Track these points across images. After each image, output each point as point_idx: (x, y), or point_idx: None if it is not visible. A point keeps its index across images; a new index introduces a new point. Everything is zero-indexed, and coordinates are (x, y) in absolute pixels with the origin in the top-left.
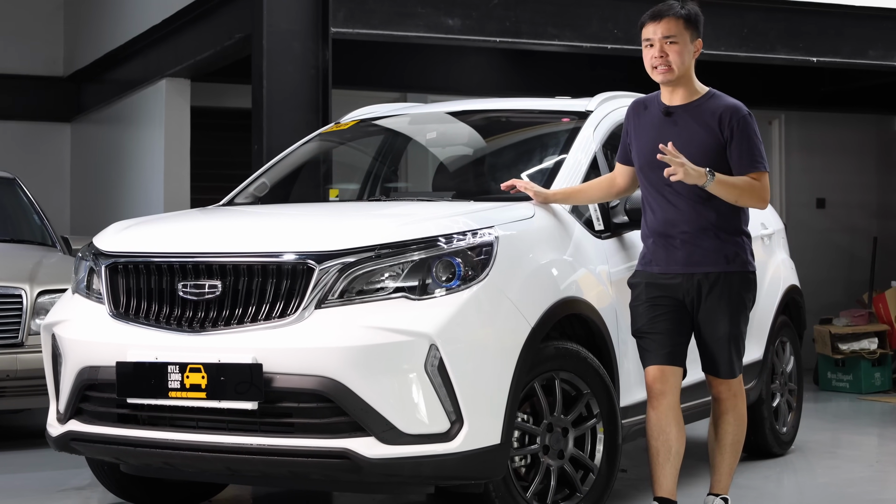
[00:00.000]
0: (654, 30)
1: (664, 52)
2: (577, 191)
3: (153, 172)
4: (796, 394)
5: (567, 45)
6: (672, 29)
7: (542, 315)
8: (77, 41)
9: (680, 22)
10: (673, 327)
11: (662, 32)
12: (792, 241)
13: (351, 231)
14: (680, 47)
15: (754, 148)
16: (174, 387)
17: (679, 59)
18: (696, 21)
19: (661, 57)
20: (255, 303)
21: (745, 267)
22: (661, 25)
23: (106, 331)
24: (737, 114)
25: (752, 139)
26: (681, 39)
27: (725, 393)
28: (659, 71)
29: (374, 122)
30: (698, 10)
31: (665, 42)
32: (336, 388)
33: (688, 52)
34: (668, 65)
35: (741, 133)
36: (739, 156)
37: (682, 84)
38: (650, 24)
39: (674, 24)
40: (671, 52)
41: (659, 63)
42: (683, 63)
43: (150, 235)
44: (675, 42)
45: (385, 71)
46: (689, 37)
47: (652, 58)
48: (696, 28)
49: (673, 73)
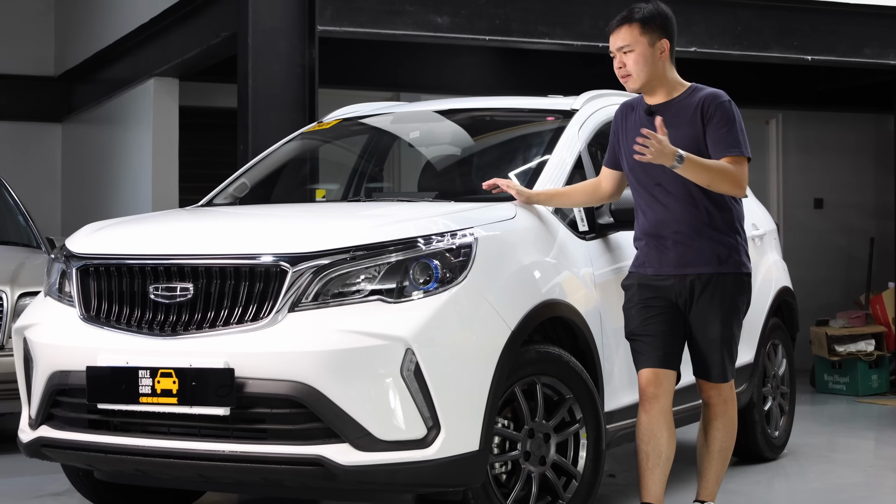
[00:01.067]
0: (612, 42)
1: (622, 63)
2: (561, 193)
3: (142, 172)
4: (789, 397)
5: (558, 44)
6: (626, 38)
7: (523, 318)
8: (67, 41)
9: (635, 28)
10: (667, 329)
11: (617, 44)
12: (789, 242)
13: (325, 232)
14: (636, 55)
15: (732, 132)
16: (145, 392)
17: (637, 67)
18: (655, 21)
19: (620, 68)
20: (228, 306)
21: (739, 268)
22: (616, 37)
23: (76, 335)
24: (716, 99)
25: (731, 124)
26: (637, 46)
27: (716, 398)
28: (624, 81)
29: (357, 121)
30: (660, 10)
31: (621, 51)
32: (309, 394)
33: (649, 56)
34: (628, 73)
35: (719, 117)
36: (716, 139)
37: (658, 84)
38: (611, 36)
39: (626, 32)
40: (628, 62)
41: (621, 74)
42: (644, 69)
43: (121, 237)
44: (630, 50)
45: (378, 70)
46: (647, 40)
47: (616, 69)
48: (658, 28)
49: (635, 81)
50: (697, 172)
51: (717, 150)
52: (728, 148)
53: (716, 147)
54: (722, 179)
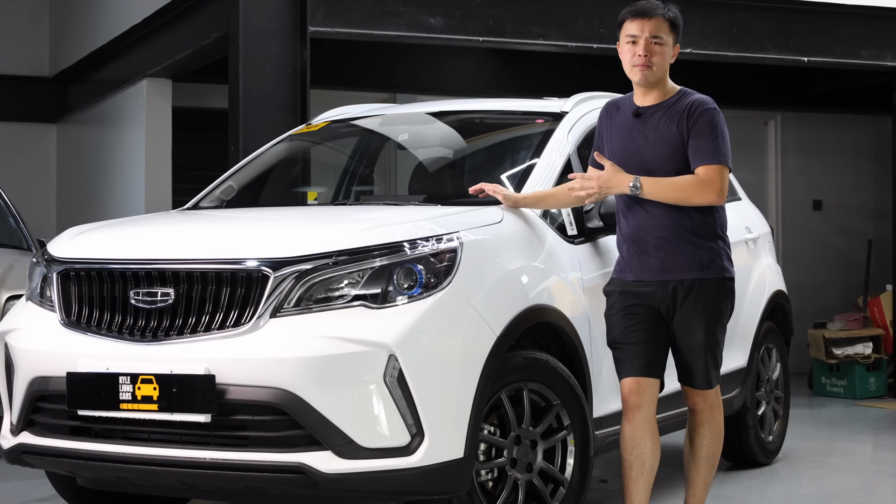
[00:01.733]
0: (640, 27)
1: (649, 52)
2: (548, 195)
3: (135, 174)
4: (783, 401)
5: (552, 45)
6: (660, 29)
7: (509, 324)
8: (62, 41)
9: (666, 24)
10: (649, 337)
11: (650, 31)
12: (788, 244)
13: (307, 237)
14: (664, 49)
15: (713, 140)
16: (125, 398)
17: (661, 61)
18: (679, 25)
19: (644, 56)
20: (209, 311)
21: (722, 273)
22: (649, 24)
23: (57, 340)
24: (701, 106)
25: (713, 131)
26: (665, 41)
27: (701, 404)
28: (639, 69)
29: (346, 123)
30: (680, 16)
31: (651, 41)
32: (291, 401)
33: (668, 55)
34: (649, 64)
35: (702, 124)
36: (695, 147)
37: (657, 86)
38: (635, 21)
39: (661, 24)
40: (656, 53)
41: (641, 62)
42: (664, 66)
43: (102, 242)
44: (661, 43)
45: (374, 71)
46: (672, 39)
47: (634, 55)
48: (678, 32)
49: (653, 74)
50: (662, 192)
51: (695, 157)
52: (705, 156)
53: (694, 154)
54: (692, 193)
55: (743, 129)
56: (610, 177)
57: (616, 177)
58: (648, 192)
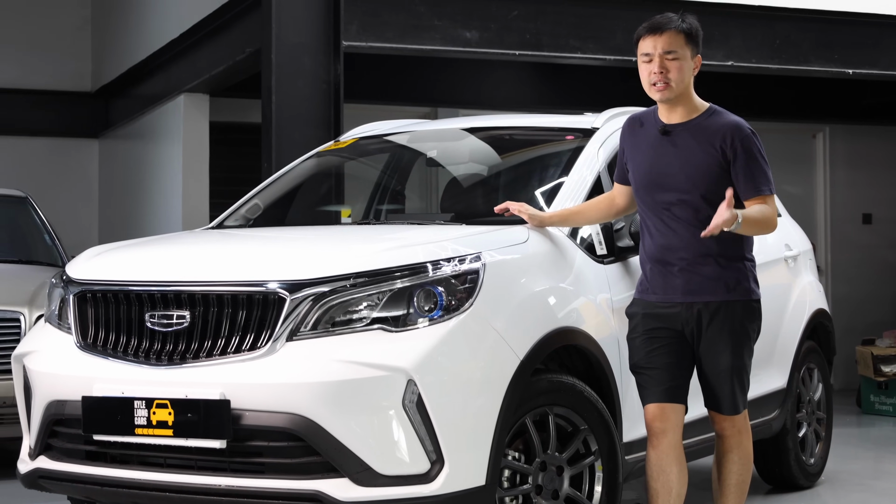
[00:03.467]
0: (653, 44)
1: (664, 68)
2: (575, 212)
3: (172, 189)
4: (825, 423)
5: (590, 58)
6: (673, 43)
7: (533, 346)
8: (104, 56)
9: (681, 36)
10: (672, 361)
11: (663, 47)
12: (837, 258)
13: (325, 258)
14: (681, 63)
15: (760, 169)
16: (141, 423)
17: (679, 76)
18: (697, 36)
19: (660, 73)
20: (225, 335)
21: (748, 295)
22: (661, 39)
23: (73, 363)
24: (739, 132)
25: (758, 159)
26: (682, 55)
27: (729, 430)
28: (657, 88)
29: (375, 139)
30: (698, 25)
31: (665, 57)
32: (307, 426)
33: (688, 69)
34: (667, 82)
35: (746, 153)
36: (745, 179)
37: (682, 102)
38: (648, 38)
39: (673, 37)
40: (672, 69)
41: (658, 80)
42: (683, 80)
43: (119, 263)
44: (676, 58)
45: (415, 85)
46: (689, 52)
47: (650, 73)
48: (697, 43)
49: (672, 91)
50: (751, 228)
51: (746, 188)
52: (758, 187)
53: (745, 185)
54: (765, 226)
55: (790, 142)
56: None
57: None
58: (744, 225)
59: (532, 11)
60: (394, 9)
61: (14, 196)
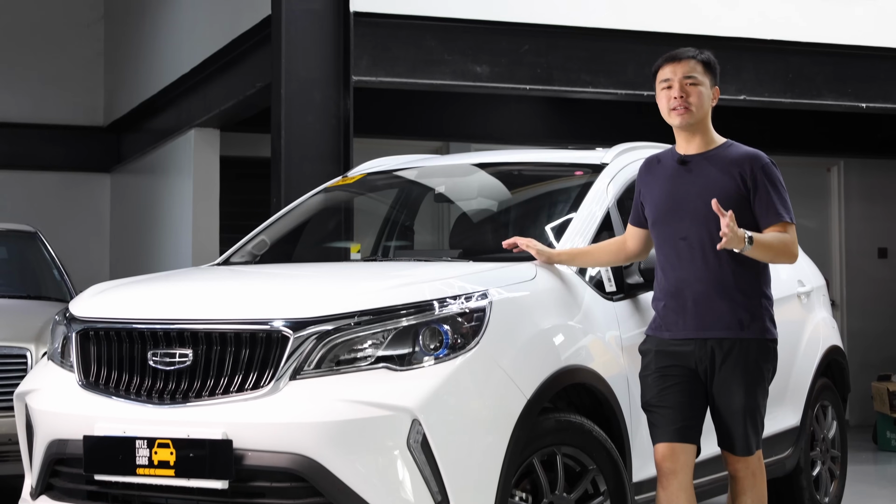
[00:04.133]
0: (673, 70)
1: (684, 93)
2: (584, 252)
3: (183, 224)
4: (840, 461)
5: (602, 93)
6: (693, 69)
7: (541, 385)
8: (116, 90)
9: (700, 65)
10: (685, 400)
11: (683, 72)
12: (852, 292)
13: (329, 296)
14: (700, 89)
15: (780, 198)
16: (142, 463)
17: (699, 101)
18: (715, 67)
19: (680, 97)
20: (227, 373)
21: (764, 334)
22: (681, 66)
23: (75, 402)
24: (758, 161)
25: (778, 188)
26: (701, 81)
27: (743, 471)
28: (677, 112)
29: (383, 175)
30: (715, 59)
31: (685, 82)
32: (310, 467)
33: (707, 97)
34: (687, 106)
35: (766, 182)
36: (766, 207)
37: (700, 131)
38: (668, 65)
39: (693, 65)
40: (692, 93)
41: (678, 104)
42: (703, 106)
43: (122, 300)
44: (696, 83)
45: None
46: (709, 81)
47: (671, 98)
48: (715, 74)
49: (692, 116)
50: (763, 252)
51: (766, 217)
52: (778, 215)
53: (765, 214)
54: (783, 254)
55: (805, 176)
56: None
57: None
58: (755, 248)
59: (543, 46)
60: (404, 43)
61: (23, 231)
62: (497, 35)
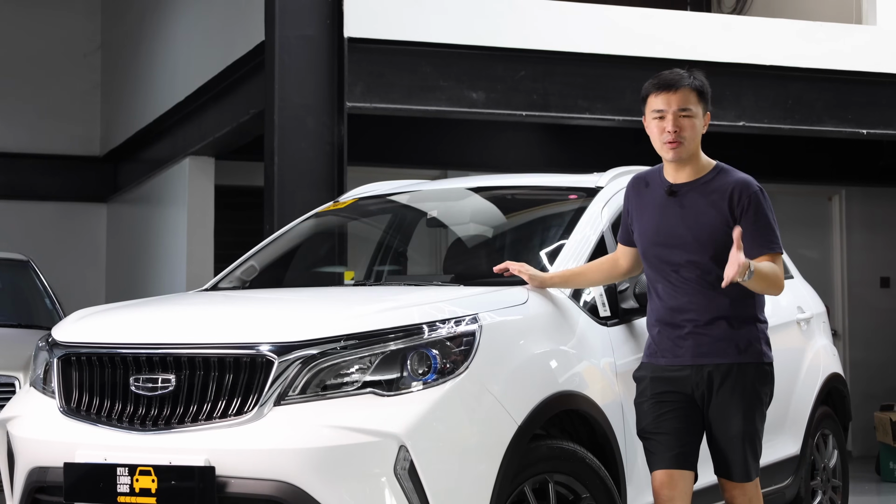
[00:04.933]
0: (667, 101)
1: (679, 126)
2: (577, 273)
3: (177, 253)
4: (841, 491)
5: (599, 119)
6: (688, 100)
7: (532, 411)
8: (112, 120)
9: (694, 94)
10: (681, 426)
11: (678, 104)
12: (854, 322)
13: (314, 320)
14: (694, 121)
15: (768, 227)
16: (123, 491)
17: (692, 134)
18: (708, 93)
19: (674, 132)
20: (211, 399)
21: (760, 358)
22: (676, 96)
23: (56, 429)
24: (747, 189)
25: (767, 217)
26: (695, 112)
27: (740, 498)
28: (671, 147)
29: (374, 199)
30: (707, 81)
31: (679, 115)
32: (294, 494)
33: (699, 127)
34: (680, 140)
35: (754, 211)
36: (753, 236)
37: (690, 161)
38: (661, 94)
39: (687, 95)
40: (686, 127)
41: (672, 138)
42: (696, 139)
43: (104, 325)
44: (690, 115)
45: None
46: (701, 110)
47: (663, 131)
48: (707, 100)
49: (685, 150)
50: (760, 282)
51: (754, 245)
52: (766, 245)
53: (753, 242)
54: (773, 285)
55: (806, 205)
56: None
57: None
58: (755, 279)
59: (539, 72)
60: (399, 69)
61: (15, 259)
62: (493, 61)
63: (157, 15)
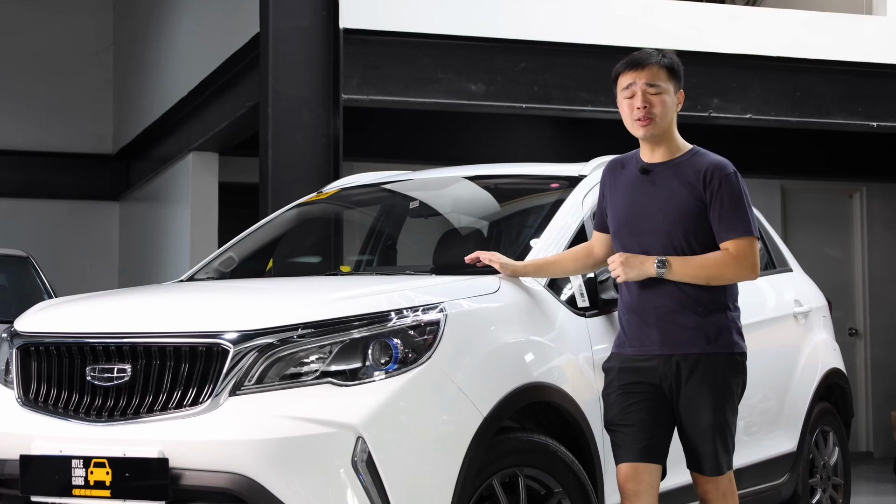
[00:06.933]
0: (635, 77)
1: (648, 102)
2: (551, 262)
3: (181, 250)
4: (842, 489)
5: (601, 111)
6: (656, 77)
7: (499, 403)
8: (123, 117)
9: (663, 71)
10: (649, 418)
11: (646, 79)
12: (874, 320)
13: (272, 308)
14: (664, 97)
15: (737, 210)
16: (78, 483)
17: (663, 111)
18: (679, 70)
19: (643, 108)
20: (166, 389)
21: (731, 348)
22: (643, 73)
23: (13, 420)
24: (720, 171)
25: (737, 200)
26: (665, 89)
27: (713, 493)
28: (641, 124)
29: (357, 189)
30: (679, 60)
31: (648, 91)
32: (249, 487)
33: (672, 104)
34: (651, 117)
35: (723, 193)
36: (719, 219)
37: (664, 141)
38: (629, 72)
39: (657, 72)
40: (656, 103)
41: (642, 114)
42: (667, 116)
43: (64, 315)
44: (660, 92)
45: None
46: (673, 87)
47: (633, 108)
48: (679, 78)
49: (656, 127)
50: (693, 272)
51: (721, 230)
52: (733, 229)
53: (721, 227)
54: (726, 270)
55: (827, 202)
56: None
57: (634, 257)
58: (677, 271)
59: (540, 64)
60: (396, 61)
61: (15, 255)
62: (492, 53)
63: (164, 10)
